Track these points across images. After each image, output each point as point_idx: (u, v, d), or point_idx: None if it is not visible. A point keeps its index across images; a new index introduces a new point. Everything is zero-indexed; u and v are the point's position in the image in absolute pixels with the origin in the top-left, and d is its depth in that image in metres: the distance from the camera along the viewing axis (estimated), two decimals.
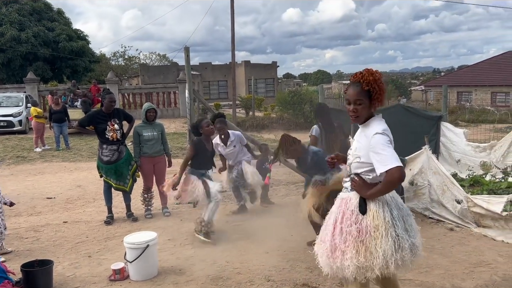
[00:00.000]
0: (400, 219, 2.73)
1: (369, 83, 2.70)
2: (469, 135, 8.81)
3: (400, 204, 2.84)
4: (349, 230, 2.69)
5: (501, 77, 34.20)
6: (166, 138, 6.71)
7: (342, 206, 2.81)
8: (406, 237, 2.71)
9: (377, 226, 2.65)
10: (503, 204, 5.20)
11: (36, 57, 29.53)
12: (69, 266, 4.73)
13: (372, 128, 2.71)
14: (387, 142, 2.64)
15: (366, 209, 2.70)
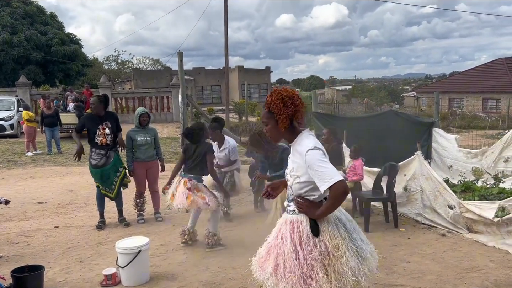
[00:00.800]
0: (354, 231, 2.71)
1: (269, 104, 2.69)
2: (461, 141, 8.88)
3: (349, 216, 2.81)
4: (312, 256, 2.61)
5: (492, 83, 34.52)
6: (159, 143, 6.67)
7: (296, 231, 2.70)
8: (365, 247, 2.71)
9: (337, 245, 2.61)
10: (495, 210, 5.24)
11: (28, 60, 29.40)
12: (60, 271, 4.68)
13: (303, 145, 2.64)
14: (322, 156, 2.59)
15: (318, 230, 2.64)
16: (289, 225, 2.73)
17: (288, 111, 2.63)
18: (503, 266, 4.60)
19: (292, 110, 2.63)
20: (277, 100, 2.65)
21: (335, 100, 36.74)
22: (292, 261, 2.64)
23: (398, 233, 5.79)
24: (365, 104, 34.91)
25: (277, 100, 2.65)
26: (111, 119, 6.15)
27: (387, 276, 4.42)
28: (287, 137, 2.74)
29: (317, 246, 2.62)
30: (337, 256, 2.60)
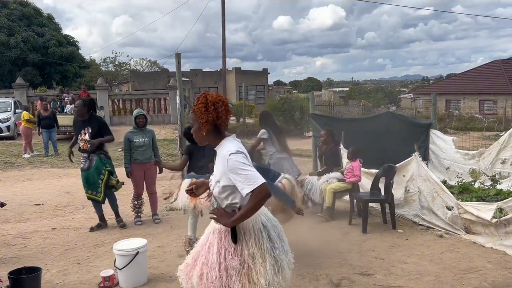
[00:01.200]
0: (278, 239, 2.69)
1: (194, 107, 2.73)
2: (458, 143, 8.89)
3: (274, 221, 2.77)
4: (232, 265, 2.61)
5: (489, 85, 34.65)
6: (157, 144, 6.65)
7: (222, 240, 2.68)
8: (284, 257, 2.69)
9: (253, 254, 2.59)
10: (492, 211, 5.25)
11: (25, 62, 29.31)
12: (58, 273, 4.67)
13: (226, 149, 2.62)
14: (245, 160, 2.57)
15: (236, 238, 2.62)
16: (217, 234, 2.72)
17: (208, 116, 2.63)
18: (501, 267, 4.61)
19: (213, 115, 2.63)
20: (200, 104, 2.67)
21: (333, 102, 36.80)
22: (215, 271, 2.65)
23: (396, 234, 5.80)
24: (362, 106, 34.98)
25: (200, 104, 2.67)
26: (94, 124, 6.02)
27: (385, 277, 4.43)
28: (210, 140, 2.73)
29: (238, 255, 2.61)
30: (253, 265, 2.59)
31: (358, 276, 4.47)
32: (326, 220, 6.40)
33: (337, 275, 4.48)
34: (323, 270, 4.61)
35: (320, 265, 4.74)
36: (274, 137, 6.60)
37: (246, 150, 2.69)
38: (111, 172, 6.07)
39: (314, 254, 5.08)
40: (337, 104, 36.89)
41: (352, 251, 5.17)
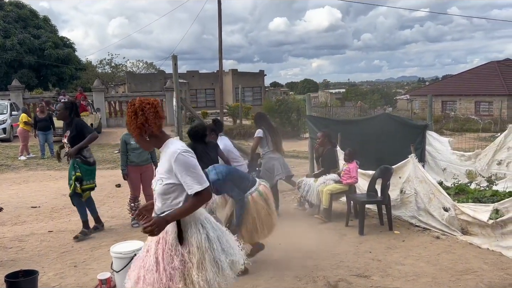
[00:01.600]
0: (216, 240, 2.72)
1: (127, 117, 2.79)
2: (454, 144, 8.93)
3: (214, 224, 2.80)
4: (172, 266, 2.63)
5: (484, 86, 34.80)
6: None
7: (161, 241, 2.72)
8: (224, 258, 2.72)
9: (194, 254, 2.63)
10: (489, 212, 5.27)
11: (21, 64, 29.27)
12: (55, 276, 4.65)
13: (172, 148, 2.66)
14: (195, 160, 2.63)
15: (183, 238, 2.65)
16: (155, 237, 2.73)
17: (137, 121, 2.67)
18: (497, 268, 4.63)
19: (141, 120, 2.66)
20: (129, 112, 2.73)
21: (329, 103, 36.86)
22: (152, 273, 2.67)
23: (393, 236, 5.81)
24: (359, 107, 35.04)
25: (129, 111, 2.73)
26: (74, 127, 5.86)
27: (382, 279, 4.44)
28: (155, 144, 2.78)
29: (178, 255, 2.65)
30: (192, 265, 2.63)
31: (355, 277, 4.48)
32: (323, 221, 6.41)
33: (334, 276, 4.49)
34: (320, 272, 4.61)
35: (317, 267, 4.75)
36: (268, 137, 6.81)
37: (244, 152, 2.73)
38: (78, 178, 5.81)
39: (311, 255, 5.09)
40: (333, 105, 36.94)
41: (349, 253, 5.18)
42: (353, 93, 52.83)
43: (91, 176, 6.02)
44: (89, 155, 6.00)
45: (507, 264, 4.73)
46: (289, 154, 13.64)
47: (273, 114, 21.65)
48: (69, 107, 5.96)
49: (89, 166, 5.97)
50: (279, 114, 21.19)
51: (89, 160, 5.97)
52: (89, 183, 5.98)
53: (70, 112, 5.93)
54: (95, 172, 6.14)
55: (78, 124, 5.91)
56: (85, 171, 5.90)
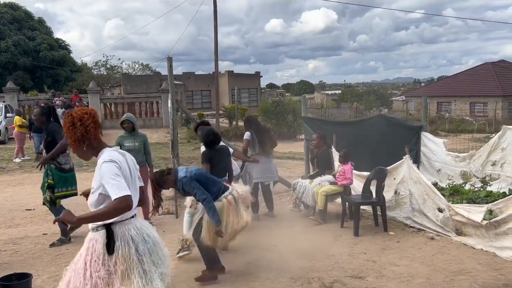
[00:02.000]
0: (147, 253, 2.77)
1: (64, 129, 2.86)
2: (449, 145, 8.95)
3: (147, 236, 2.83)
4: (98, 274, 2.67)
5: (479, 87, 35.00)
6: (150, 149, 6.57)
7: (90, 249, 2.76)
8: (154, 269, 2.76)
9: (120, 265, 2.68)
10: (483, 213, 5.29)
11: (16, 66, 29.16)
12: (49, 279, 4.64)
13: (100, 158, 2.76)
14: (117, 170, 2.68)
15: (113, 249, 2.69)
16: (87, 242, 2.81)
17: (77, 132, 2.74)
18: (491, 269, 4.65)
19: (81, 131, 2.73)
20: (67, 123, 2.78)
21: (325, 105, 36.92)
22: (79, 277, 2.72)
23: (388, 237, 5.83)
24: (355, 109, 35.14)
25: (67, 124, 2.78)
26: (48, 133, 5.75)
27: (377, 280, 4.45)
28: (90, 153, 2.85)
29: (105, 265, 2.69)
30: (121, 276, 2.67)
31: (349, 278, 4.49)
32: (318, 223, 6.42)
33: (329, 278, 4.50)
34: (315, 273, 4.62)
35: (312, 268, 4.76)
36: (255, 140, 6.80)
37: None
38: (50, 185, 5.67)
39: (306, 257, 5.10)
40: (329, 106, 37.01)
41: (344, 254, 5.19)
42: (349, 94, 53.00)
43: (67, 184, 5.79)
44: (65, 162, 5.77)
45: (501, 265, 4.75)
46: (284, 155, 13.66)
47: (269, 116, 21.69)
48: (45, 112, 5.83)
49: (64, 173, 5.74)
50: (275, 116, 21.21)
51: (64, 166, 5.74)
52: (62, 190, 5.74)
53: (47, 117, 5.81)
54: (73, 179, 5.89)
55: (52, 129, 5.75)
56: (59, 178, 5.69)
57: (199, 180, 4.31)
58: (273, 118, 21.25)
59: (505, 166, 7.29)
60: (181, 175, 4.30)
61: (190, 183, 4.25)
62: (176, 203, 7.11)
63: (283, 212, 7.17)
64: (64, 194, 5.80)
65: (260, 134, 6.90)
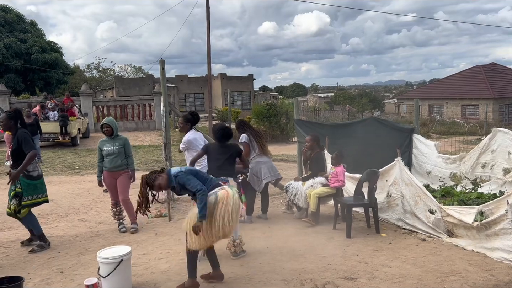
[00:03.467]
0: None
1: None
2: (441, 147, 9.02)
3: None
4: None
5: (470, 90, 35.30)
6: (131, 152, 6.44)
7: None
8: None
9: None
10: (474, 214, 5.34)
11: (7, 69, 28.98)
12: (41, 282, 4.61)
13: None
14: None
15: None
16: None
17: None
18: (481, 269, 4.69)
19: None
20: None
21: (318, 107, 37.03)
22: None
23: (380, 239, 5.86)
24: (347, 111, 35.27)
25: None
26: (16, 139, 5.48)
27: (369, 281, 4.47)
28: None
29: None
30: None
31: (342, 280, 4.51)
32: (311, 225, 6.43)
33: (321, 279, 4.52)
34: (307, 275, 4.64)
35: (305, 270, 4.77)
36: (253, 141, 6.84)
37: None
38: (18, 194, 5.46)
39: (299, 259, 5.11)
40: (322, 109, 37.12)
41: (336, 256, 5.21)
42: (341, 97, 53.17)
43: (36, 191, 5.63)
44: (33, 169, 5.59)
45: (492, 266, 4.80)
46: (277, 158, 13.67)
47: (262, 118, 21.69)
48: (12, 116, 5.58)
49: (32, 181, 5.57)
50: (268, 118, 21.22)
51: (32, 174, 5.57)
52: (31, 199, 5.57)
53: (14, 121, 5.58)
54: (42, 186, 5.73)
55: (20, 136, 5.45)
56: (27, 186, 5.51)
57: (194, 175, 4.26)
58: (266, 121, 21.25)
59: (495, 168, 7.37)
60: (176, 172, 4.24)
61: (186, 175, 4.17)
62: (169, 206, 7.09)
63: (276, 214, 7.19)
64: (33, 202, 5.63)
65: (257, 134, 6.97)
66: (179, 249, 5.59)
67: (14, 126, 5.59)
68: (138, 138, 19.99)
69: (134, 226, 6.45)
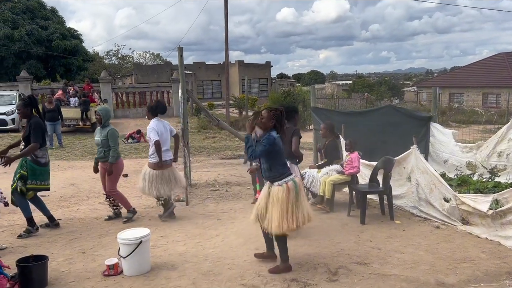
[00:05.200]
0: None
1: None
2: (459, 136, 8.97)
3: None
4: None
5: (492, 78, 34.58)
6: (114, 144, 6.10)
7: None
8: None
9: None
10: (489, 203, 5.35)
11: (29, 55, 29.47)
12: (64, 261, 4.81)
13: None
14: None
15: None
16: None
17: None
18: (494, 257, 4.72)
19: None
20: None
21: (335, 95, 36.78)
22: None
23: (394, 225, 5.91)
24: (366, 99, 34.96)
25: None
26: (28, 127, 5.62)
27: (381, 266, 4.55)
28: None
29: None
30: None
31: (355, 265, 4.59)
32: (326, 211, 6.52)
33: (335, 264, 4.61)
34: (321, 259, 4.73)
35: (319, 255, 4.87)
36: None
37: None
38: (23, 177, 5.57)
39: (313, 244, 5.21)
40: (340, 97, 36.87)
41: (349, 241, 5.29)
42: (360, 84, 52.57)
43: (40, 177, 5.72)
44: (42, 155, 5.71)
45: (505, 253, 4.82)
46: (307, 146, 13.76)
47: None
48: (28, 103, 5.70)
49: (39, 167, 5.68)
50: None
51: (39, 160, 5.68)
52: (34, 183, 5.67)
53: (30, 109, 5.71)
54: (46, 174, 5.84)
55: (32, 124, 5.60)
56: (32, 170, 5.63)
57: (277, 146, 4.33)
58: None
59: (510, 156, 7.30)
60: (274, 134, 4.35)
61: (269, 138, 4.27)
62: (186, 191, 7.25)
63: None
64: (34, 187, 5.72)
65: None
66: (196, 232, 5.75)
67: (30, 113, 5.72)
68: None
69: (127, 216, 6.29)
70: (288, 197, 4.27)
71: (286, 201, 4.26)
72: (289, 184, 4.32)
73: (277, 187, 4.33)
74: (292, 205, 4.28)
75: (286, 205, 4.26)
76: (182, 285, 4.21)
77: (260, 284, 4.20)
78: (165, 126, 6.50)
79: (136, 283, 4.28)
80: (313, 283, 4.19)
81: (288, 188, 4.29)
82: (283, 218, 4.23)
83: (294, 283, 4.18)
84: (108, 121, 6.21)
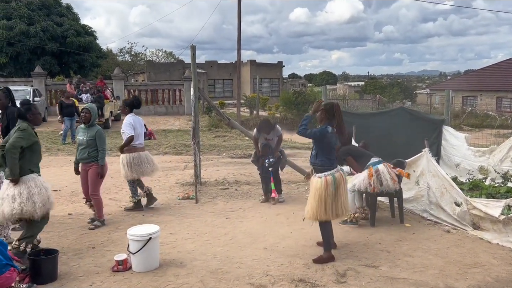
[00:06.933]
0: None
1: None
2: (472, 140, 8.88)
3: None
4: None
5: (507, 82, 34.13)
6: (103, 145, 5.84)
7: None
8: None
9: None
10: (501, 208, 5.29)
11: (44, 51, 29.75)
12: (74, 256, 4.86)
13: None
14: None
15: None
16: None
17: None
18: (505, 263, 4.67)
19: None
20: None
21: (347, 96, 36.64)
22: None
23: (403, 228, 5.87)
24: (378, 101, 34.76)
25: None
26: (6, 117, 5.44)
27: (390, 269, 4.52)
28: None
29: None
30: None
31: (363, 267, 4.57)
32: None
33: (343, 265, 4.59)
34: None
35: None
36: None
37: None
38: None
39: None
40: (351, 98, 36.71)
41: (358, 244, 5.27)
42: (372, 86, 52.26)
43: None
44: None
45: None
46: (304, 146, 13.71)
47: (290, 106, 21.68)
48: (8, 94, 5.57)
49: None
50: (296, 106, 21.21)
51: None
52: None
53: (9, 100, 5.56)
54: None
55: (10, 114, 5.39)
56: None
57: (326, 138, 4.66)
58: (294, 109, 21.25)
59: None
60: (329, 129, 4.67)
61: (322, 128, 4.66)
62: (196, 189, 7.27)
63: (301, 201, 7.26)
64: None
65: None
66: (205, 230, 5.77)
67: (7, 104, 5.60)
68: (168, 122, 20.34)
69: (96, 223, 5.90)
70: (326, 190, 4.58)
71: (324, 193, 4.58)
72: (328, 178, 4.62)
73: (316, 178, 4.69)
74: (331, 198, 4.59)
75: (324, 197, 4.58)
76: (190, 283, 4.23)
77: (267, 283, 4.20)
78: (140, 122, 6.76)
79: (145, 279, 4.31)
80: (321, 284, 4.18)
81: (326, 182, 4.60)
82: (320, 208, 4.60)
83: (302, 284, 4.18)
84: (95, 120, 5.94)
